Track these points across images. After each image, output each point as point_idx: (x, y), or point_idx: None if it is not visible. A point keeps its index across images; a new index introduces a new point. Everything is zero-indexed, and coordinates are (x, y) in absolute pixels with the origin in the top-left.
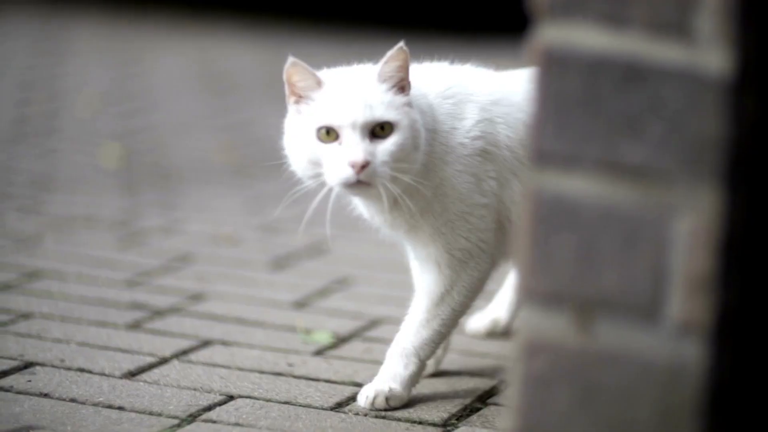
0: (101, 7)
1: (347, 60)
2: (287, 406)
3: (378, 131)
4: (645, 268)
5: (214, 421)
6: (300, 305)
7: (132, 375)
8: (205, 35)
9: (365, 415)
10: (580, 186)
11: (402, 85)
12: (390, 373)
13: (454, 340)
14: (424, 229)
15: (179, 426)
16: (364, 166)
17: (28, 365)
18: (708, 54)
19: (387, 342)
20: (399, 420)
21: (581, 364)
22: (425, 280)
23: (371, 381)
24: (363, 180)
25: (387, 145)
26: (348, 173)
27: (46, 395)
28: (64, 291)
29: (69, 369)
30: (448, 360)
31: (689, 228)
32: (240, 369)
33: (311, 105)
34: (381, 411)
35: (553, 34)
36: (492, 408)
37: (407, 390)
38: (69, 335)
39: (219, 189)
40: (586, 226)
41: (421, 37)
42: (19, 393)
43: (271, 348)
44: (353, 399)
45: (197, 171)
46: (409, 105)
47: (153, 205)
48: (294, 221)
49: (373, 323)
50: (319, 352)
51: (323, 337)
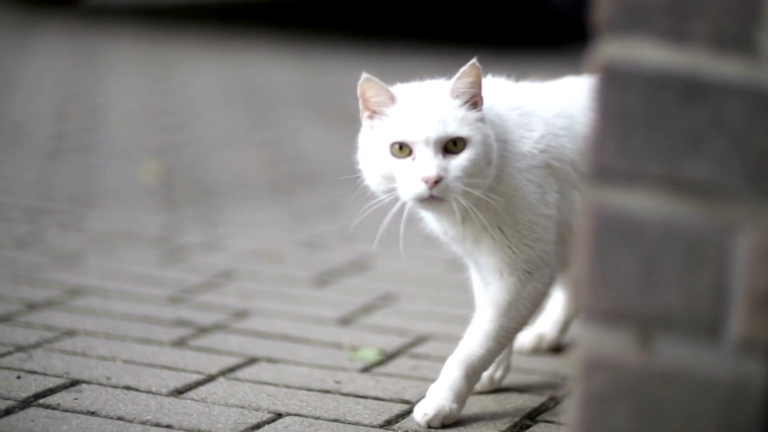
0: (137, 23)
1: (384, 74)
2: (336, 423)
3: (450, 147)
4: (707, 285)
5: None
6: (345, 322)
7: (179, 393)
8: (241, 50)
9: None
10: (641, 202)
11: (475, 101)
12: (448, 385)
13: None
14: (492, 241)
15: None
16: (437, 181)
17: (74, 383)
18: None
19: (434, 359)
20: None
21: (641, 381)
22: (491, 290)
23: (423, 397)
24: (436, 195)
25: (459, 161)
26: (421, 188)
27: (93, 413)
28: (107, 308)
29: (115, 387)
30: None
31: (752, 245)
32: (287, 386)
33: (385, 120)
34: (436, 429)
35: (615, 49)
36: (542, 425)
37: (463, 405)
38: (114, 352)
39: (259, 205)
40: (647, 242)
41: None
42: (66, 411)
43: (318, 365)
44: (402, 416)
45: (237, 186)
46: (482, 120)
47: (193, 221)
48: (335, 237)
49: (420, 340)
50: (366, 369)
51: (370, 354)
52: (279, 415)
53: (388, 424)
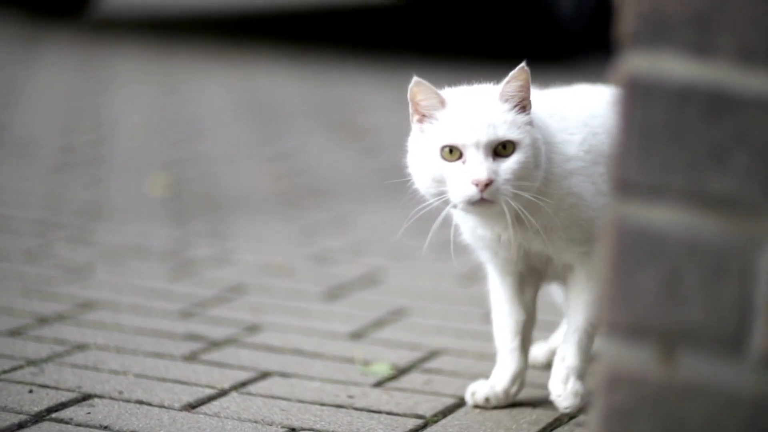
0: (144, 36)
1: (393, 88)
2: None
3: (500, 150)
4: (730, 299)
5: None
6: (356, 336)
7: (192, 407)
8: (249, 64)
9: None
10: (664, 217)
11: (523, 105)
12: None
13: None
14: (543, 243)
15: None
16: (487, 184)
17: (86, 397)
18: None
19: (446, 373)
20: None
21: (664, 396)
22: (574, 285)
23: (438, 411)
24: (486, 198)
25: (509, 164)
26: (472, 191)
27: (106, 428)
28: (118, 322)
29: (128, 401)
30: None
31: None
32: (300, 401)
33: (435, 124)
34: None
35: (639, 62)
36: None
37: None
38: (126, 366)
39: (268, 218)
40: (670, 257)
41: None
42: (79, 425)
43: (331, 380)
44: (416, 431)
45: (246, 200)
46: (531, 124)
47: (203, 235)
48: (345, 251)
49: (432, 354)
50: (379, 383)
51: (382, 369)
52: (293, 430)
53: None
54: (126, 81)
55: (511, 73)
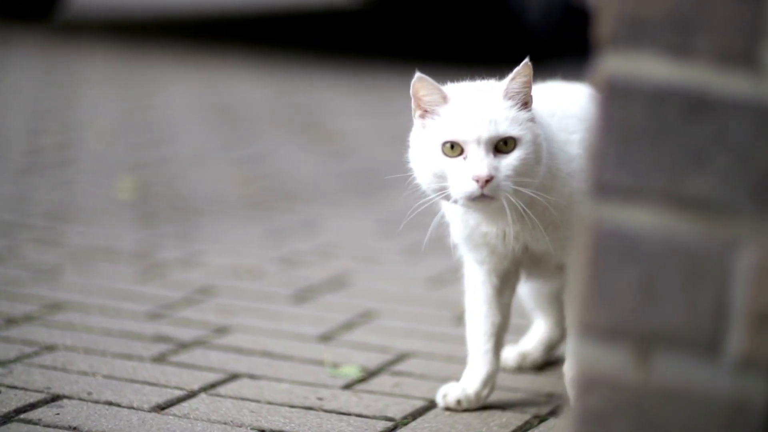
0: (112, 39)
1: (360, 93)
2: None
3: (501, 146)
4: (707, 301)
5: None
6: (325, 339)
7: (161, 409)
8: (216, 67)
9: None
10: (641, 218)
11: (526, 101)
12: None
13: None
14: (545, 240)
15: None
16: (488, 180)
17: (55, 398)
18: None
19: (416, 376)
20: None
21: (640, 399)
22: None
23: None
24: (487, 194)
25: (510, 160)
26: (472, 187)
27: (75, 429)
28: (86, 323)
29: (97, 402)
30: None
31: (754, 261)
32: (270, 403)
33: (437, 120)
34: None
35: (617, 63)
36: None
37: None
38: (95, 368)
39: (237, 221)
40: (647, 259)
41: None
42: (48, 426)
43: (300, 382)
44: None
45: (213, 203)
46: (532, 120)
47: (171, 237)
48: (313, 254)
49: (401, 357)
50: (348, 386)
51: (352, 371)
52: None
53: None
54: (93, 84)
55: (516, 70)
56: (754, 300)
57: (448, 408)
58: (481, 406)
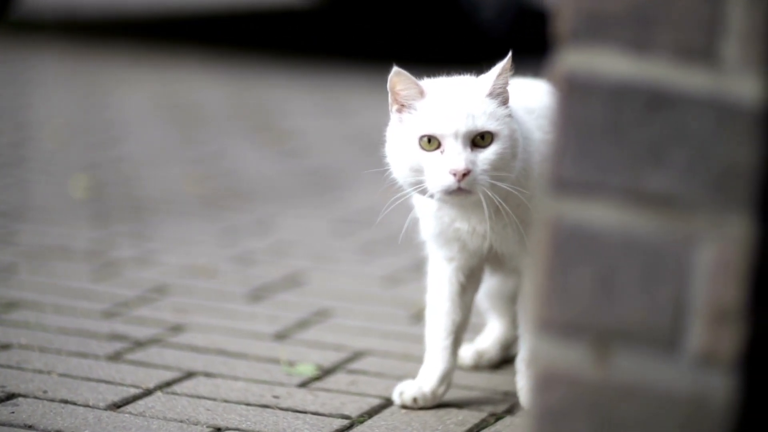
0: (65, 38)
1: (311, 93)
2: None
3: (478, 140)
4: (666, 298)
5: None
6: (280, 337)
7: (116, 407)
8: (170, 67)
9: None
10: (600, 214)
11: (506, 97)
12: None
13: None
14: (518, 238)
15: None
16: (465, 174)
17: (10, 396)
18: (735, 81)
19: (371, 374)
20: None
21: (599, 396)
22: (526, 285)
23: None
24: (464, 188)
25: (487, 154)
26: (449, 181)
27: (30, 427)
28: (41, 322)
29: (52, 400)
30: None
31: (713, 257)
32: (226, 401)
33: (414, 114)
34: None
35: (576, 59)
36: None
37: None
38: (50, 366)
39: (191, 220)
40: (605, 255)
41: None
42: (3, 425)
43: (256, 380)
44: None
45: (168, 202)
46: (510, 116)
47: (126, 236)
48: (267, 253)
49: (357, 355)
50: (304, 384)
51: (307, 369)
52: (219, 430)
53: None
54: (47, 83)
55: (502, 66)
56: (713, 296)
57: (404, 406)
58: (438, 404)
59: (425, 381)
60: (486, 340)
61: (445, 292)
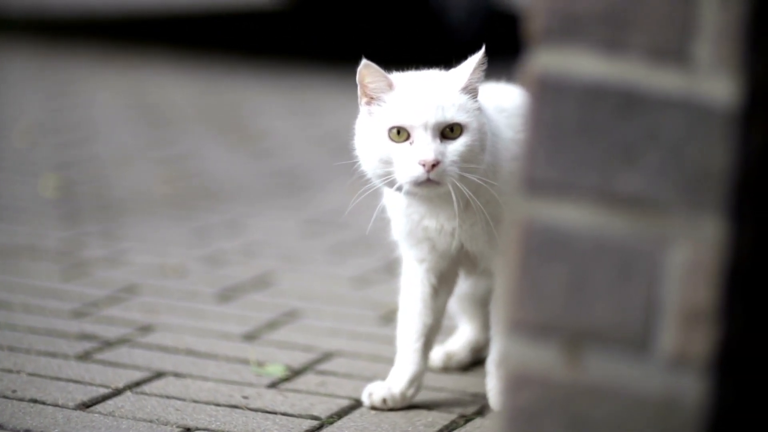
0: (34, 37)
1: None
2: None
3: (448, 132)
4: (638, 299)
5: None
6: (250, 337)
7: (86, 406)
8: (139, 67)
9: None
10: (572, 215)
11: (475, 92)
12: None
13: None
14: (487, 236)
15: None
16: (434, 165)
17: None
18: (708, 82)
19: (341, 375)
20: None
21: (570, 397)
22: (498, 287)
23: (333, 413)
24: (433, 178)
25: (456, 146)
26: (418, 172)
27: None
28: (10, 321)
29: (21, 400)
30: None
31: (686, 259)
32: (195, 401)
33: (383, 106)
34: None
35: (548, 59)
36: None
37: None
38: (19, 365)
39: (161, 220)
40: (577, 256)
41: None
42: None
43: (225, 380)
44: None
45: (138, 202)
46: (479, 110)
47: (95, 236)
48: (237, 253)
49: (326, 356)
50: (273, 384)
51: (277, 370)
52: (188, 430)
53: None
54: (16, 82)
55: (477, 60)
56: (685, 298)
57: (373, 407)
58: (407, 405)
59: (395, 382)
60: (456, 342)
61: (417, 293)
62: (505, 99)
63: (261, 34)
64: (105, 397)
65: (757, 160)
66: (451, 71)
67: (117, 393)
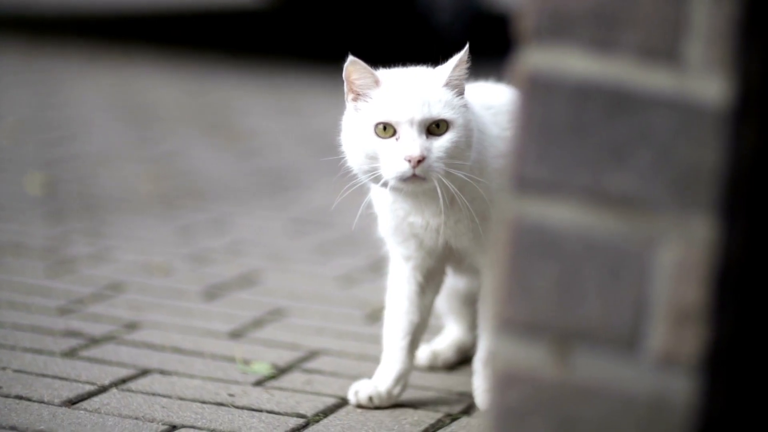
0: (20, 35)
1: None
2: None
3: (433, 129)
4: (627, 298)
5: None
6: (236, 335)
7: (72, 403)
8: (126, 65)
9: None
10: (562, 214)
11: (462, 88)
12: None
13: None
14: (472, 234)
15: None
16: (420, 161)
17: None
18: (699, 81)
19: (327, 373)
20: None
21: (558, 396)
22: (485, 285)
23: (319, 411)
24: (418, 174)
25: (442, 142)
26: (404, 167)
27: None
28: None
29: (7, 396)
30: None
31: (676, 258)
32: (181, 399)
33: (369, 102)
34: None
35: (539, 58)
36: None
37: None
38: (5, 362)
39: (146, 219)
40: (567, 255)
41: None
42: None
43: (211, 378)
44: (298, 430)
45: (124, 201)
46: (465, 107)
47: (81, 234)
48: (222, 252)
49: (312, 354)
50: (259, 382)
51: (263, 368)
52: (174, 427)
53: None
54: (1, 80)
55: (459, 57)
56: (674, 297)
57: (359, 405)
58: (393, 404)
59: (381, 381)
60: (443, 341)
61: (404, 291)
62: (492, 96)
63: (248, 33)
64: (91, 394)
65: (749, 160)
66: (437, 68)
67: (103, 390)
